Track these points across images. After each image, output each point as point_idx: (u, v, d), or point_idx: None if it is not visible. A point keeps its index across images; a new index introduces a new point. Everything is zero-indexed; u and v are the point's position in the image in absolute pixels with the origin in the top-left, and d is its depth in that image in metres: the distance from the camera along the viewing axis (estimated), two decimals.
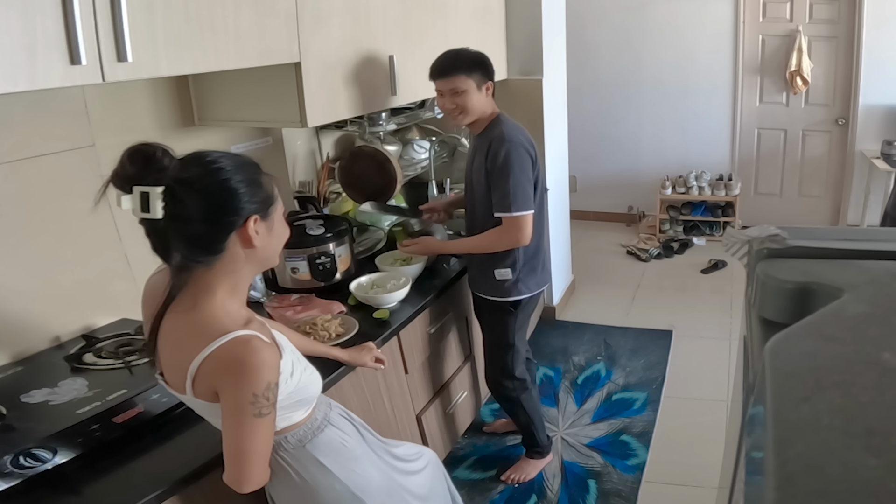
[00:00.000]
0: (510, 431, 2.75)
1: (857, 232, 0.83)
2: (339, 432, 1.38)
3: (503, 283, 2.21)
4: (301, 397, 1.25)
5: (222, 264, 1.14)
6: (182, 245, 1.09)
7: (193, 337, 1.11)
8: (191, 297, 1.14)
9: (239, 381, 1.08)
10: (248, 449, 1.12)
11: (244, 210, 1.12)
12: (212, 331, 1.10)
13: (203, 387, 1.12)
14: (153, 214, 1.04)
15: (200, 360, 1.09)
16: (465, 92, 2.06)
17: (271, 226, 1.18)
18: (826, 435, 0.40)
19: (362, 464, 1.39)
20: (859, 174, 4.77)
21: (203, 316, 1.12)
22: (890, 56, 4.42)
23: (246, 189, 1.12)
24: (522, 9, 3.24)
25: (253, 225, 1.12)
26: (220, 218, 1.10)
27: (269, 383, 1.10)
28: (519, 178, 2.04)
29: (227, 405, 1.10)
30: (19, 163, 1.59)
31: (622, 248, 4.95)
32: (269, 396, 1.11)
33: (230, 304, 1.16)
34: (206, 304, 1.13)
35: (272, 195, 1.18)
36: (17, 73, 1.14)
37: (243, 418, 1.09)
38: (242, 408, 1.09)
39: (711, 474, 1.84)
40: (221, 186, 1.10)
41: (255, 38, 1.66)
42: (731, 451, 1.18)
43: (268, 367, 1.10)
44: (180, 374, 1.13)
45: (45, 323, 1.68)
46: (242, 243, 1.13)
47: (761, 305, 0.89)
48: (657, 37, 4.98)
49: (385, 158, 2.59)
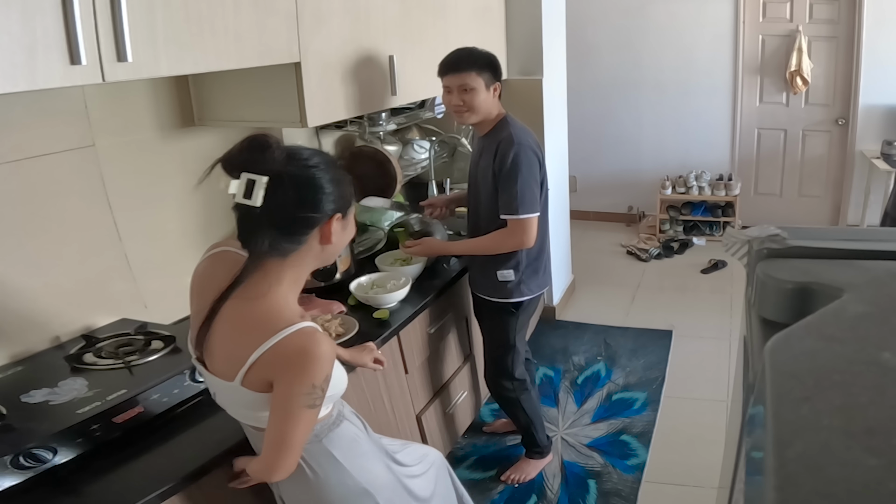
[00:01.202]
0: (510, 431, 2.75)
1: (857, 232, 0.83)
2: (353, 428, 1.40)
3: (505, 283, 2.21)
4: (332, 393, 1.28)
5: (296, 256, 1.19)
6: (270, 233, 1.14)
7: (256, 327, 1.14)
8: (256, 286, 1.17)
9: (301, 373, 1.12)
10: (292, 439, 1.15)
11: (330, 208, 1.17)
12: (277, 322, 1.13)
13: (257, 377, 1.14)
14: (254, 202, 1.10)
15: (263, 350, 1.12)
16: (473, 90, 2.06)
17: (347, 225, 1.24)
18: (826, 435, 0.40)
19: (371, 460, 1.41)
20: (859, 174, 4.77)
21: (268, 306, 1.16)
22: (890, 56, 4.42)
23: (334, 188, 1.17)
24: (522, 9, 3.24)
25: (336, 222, 1.19)
26: (309, 212, 1.16)
27: (326, 375, 1.15)
28: (527, 180, 2.04)
29: (280, 395, 1.13)
30: (19, 163, 1.59)
31: (622, 248, 4.95)
32: (324, 388, 1.15)
33: (291, 297, 1.21)
34: (272, 294, 1.17)
35: (352, 196, 1.24)
36: (17, 73, 1.14)
37: (295, 409, 1.13)
38: (297, 398, 1.12)
39: (711, 474, 1.84)
40: (317, 183, 1.16)
41: (255, 38, 1.66)
42: (731, 451, 1.18)
43: (328, 359, 1.14)
44: (233, 363, 1.15)
45: (45, 323, 1.68)
46: (321, 239, 1.19)
47: (761, 305, 0.88)
48: (657, 37, 4.98)
49: (385, 158, 2.59)
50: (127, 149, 1.85)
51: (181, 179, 2.03)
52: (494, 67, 2.11)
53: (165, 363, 1.56)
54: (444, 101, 2.15)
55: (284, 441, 1.15)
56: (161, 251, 1.98)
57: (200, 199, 2.10)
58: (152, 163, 1.93)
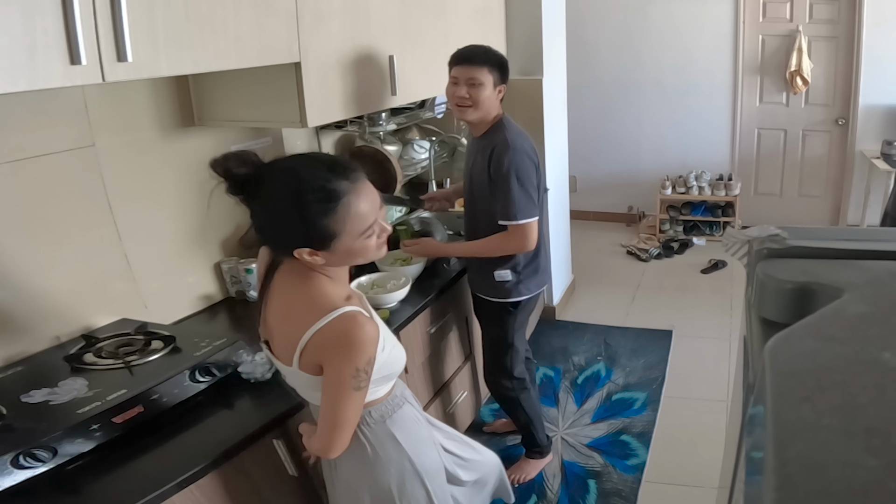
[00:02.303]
0: (510, 431, 2.75)
1: (857, 232, 0.83)
2: (414, 410, 1.45)
3: (503, 283, 2.21)
4: (388, 371, 1.33)
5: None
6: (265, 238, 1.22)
7: (304, 312, 1.19)
8: (296, 275, 1.23)
9: (345, 356, 1.16)
10: (344, 419, 1.22)
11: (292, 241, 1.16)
12: (322, 306, 1.18)
13: (309, 360, 1.20)
14: None
15: (311, 334, 1.17)
16: (481, 85, 2.06)
17: (333, 252, 1.18)
18: (826, 435, 0.40)
19: (427, 444, 1.45)
20: (859, 174, 4.77)
21: (313, 292, 1.21)
22: (890, 56, 4.42)
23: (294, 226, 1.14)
24: (522, 9, 3.24)
25: (307, 254, 1.16)
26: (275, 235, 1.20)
27: (369, 358, 1.19)
28: (524, 186, 2.05)
29: (330, 378, 1.19)
30: (19, 163, 1.59)
31: (622, 248, 4.95)
32: (368, 371, 1.19)
33: (335, 281, 1.25)
34: (314, 279, 1.22)
35: (333, 231, 1.15)
36: (18, 73, 1.14)
37: (344, 391, 1.18)
38: (345, 381, 1.17)
39: (711, 474, 1.84)
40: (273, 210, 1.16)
41: (255, 38, 1.66)
42: (731, 451, 1.18)
43: (371, 342, 1.18)
44: (289, 347, 1.22)
45: (45, 323, 1.68)
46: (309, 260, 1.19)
47: (761, 305, 0.88)
48: (657, 37, 4.98)
49: (385, 158, 2.59)
50: (127, 149, 1.85)
51: (181, 179, 2.03)
52: (504, 70, 2.12)
53: (165, 363, 1.56)
54: (449, 92, 2.13)
55: (336, 422, 1.21)
56: (161, 251, 1.98)
57: (200, 200, 2.10)
58: (152, 163, 1.93)
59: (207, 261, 2.15)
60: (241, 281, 2.15)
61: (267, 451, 1.54)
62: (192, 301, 2.10)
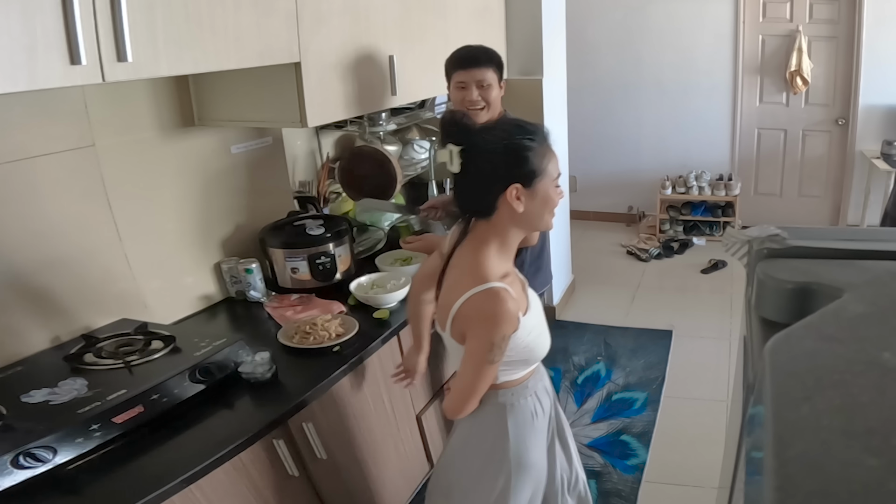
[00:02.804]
0: None
1: (857, 232, 0.83)
2: (539, 405, 1.51)
3: None
4: (528, 356, 1.40)
5: (497, 219, 1.32)
6: (462, 198, 1.36)
7: (461, 281, 1.31)
8: (469, 245, 1.34)
9: (483, 329, 1.26)
10: (473, 388, 1.33)
11: (508, 178, 1.28)
12: (478, 277, 1.29)
13: (457, 328, 1.32)
14: (453, 169, 1.30)
15: (461, 302, 1.28)
16: (490, 86, 2.06)
17: (534, 195, 1.31)
18: (826, 435, 0.40)
19: (536, 443, 1.51)
20: (859, 174, 4.77)
21: (478, 261, 1.31)
22: (890, 56, 4.42)
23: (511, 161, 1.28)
24: (522, 9, 3.24)
25: (514, 192, 1.28)
26: (488, 181, 1.29)
27: (504, 335, 1.27)
28: None
29: (470, 348, 1.30)
30: (19, 163, 1.59)
31: (622, 248, 4.95)
32: (503, 346, 1.28)
33: (496, 258, 1.34)
34: (479, 253, 1.32)
35: (538, 169, 1.30)
36: (17, 73, 1.14)
37: (480, 362, 1.29)
38: (482, 353, 1.27)
39: (711, 474, 1.84)
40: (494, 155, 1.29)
41: (255, 38, 1.66)
42: (731, 451, 1.18)
43: (509, 319, 1.27)
44: (445, 313, 1.34)
45: (45, 323, 1.68)
46: (508, 205, 1.29)
47: (761, 305, 0.88)
48: (657, 37, 4.98)
49: (385, 158, 2.59)
50: (127, 149, 1.85)
51: (181, 179, 2.03)
52: (503, 66, 2.13)
53: (165, 363, 1.56)
54: (457, 97, 2.09)
55: (466, 389, 1.33)
56: (161, 251, 1.98)
57: (200, 199, 2.10)
58: (152, 163, 1.93)
59: (207, 261, 2.15)
60: (241, 281, 2.15)
61: (267, 451, 1.54)
62: (192, 301, 2.10)
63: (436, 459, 2.38)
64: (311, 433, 1.66)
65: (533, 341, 1.38)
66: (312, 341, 1.82)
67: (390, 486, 2.09)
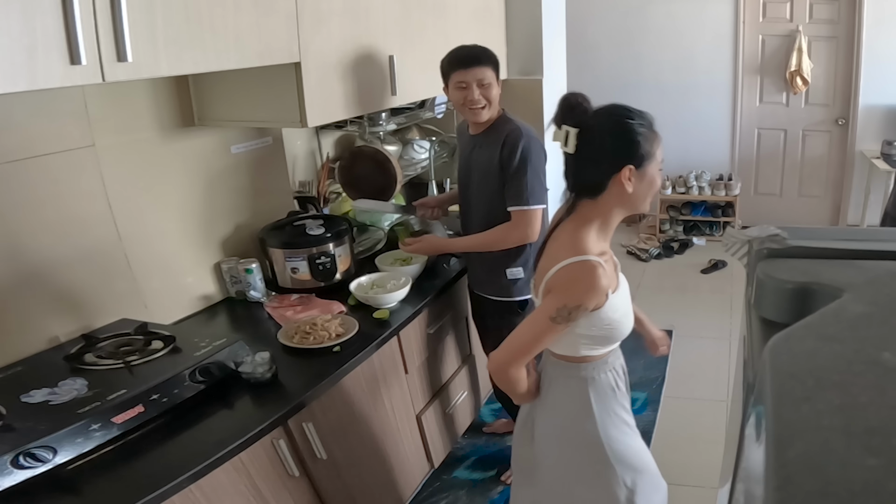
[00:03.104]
0: (510, 432, 2.74)
1: (857, 232, 0.83)
2: (619, 380, 1.53)
3: (514, 282, 2.19)
4: (611, 334, 1.43)
5: (603, 199, 1.37)
6: (574, 177, 1.39)
7: (560, 253, 1.36)
8: (573, 222, 1.39)
9: (564, 291, 1.31)
10: (521, 341, 1.36)
11: (622, 160, 1.33)
12: (576, 249, 1.34)
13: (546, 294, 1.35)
14: (568, 149, 1.35)
15: (555, 270, 1.34)
16: (490, 85, 2.06)
17: (643, 176, 1.36)
18: (826, 435, 0.40)
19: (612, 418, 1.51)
20: (859, 174, 4.77)
21: (578, 237, 1.36)
22: (890, 56, 4.42)
23: (627, 143, 1.33)
24: (522, 9, 3.24)
25: (627, 173, 1.33)
26: (603, 161, 1.34)
27: (582, 305, 1.31)
28: (536, 172, 2.05)
29: (542, 306, 1.34)
30: (19, 163, 1.59)
31: (622, 248, 4.95)
32: (574, 315, 1.31)
33: (596, 236, 1.39)
34: (580, 229, 1.38)
35: (649, 152, 1.36)
36: (18, 73, 1.14)
37: (541, 316, 1.33)
38: (548, 309, 1.32)
39: (711, 474, 1.84)
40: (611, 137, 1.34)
41: (255, 38, 1.66)
42: (731, 451, 1.18)
43: (595, 291, 1.30)
44: (540, 280, 1.39)
45: (45, 323, 1.68)
46: (618, 187, 1.35)
47: (761, 305, 0.88)
48: (657, 37, 4.98)
49: (385, 158, 2.59)
50: (127, 149, 1.85)
51: (181, 179, 2.03)
52: (499, 64, 2.13)
53: (165, 363, 1.56)
54: (457, 97, 2.08)
55: (515, 340, 1.37)
56: (161, 251, 1.98)
57: (200, 199, 2.10)
58: (152, 163, 1.93)
59: (207, 261, 2.15)
60: (241, 281, 2.15)
61: (267, 451, 1.54)
62: (192, 301, 2.11)
63: (436, 459, 2.38)
64: (311, 433, 1.66)
65: (618, 320, 1.42)
66: (312, 341, 1.82)
67: (390, 486, 2.09)
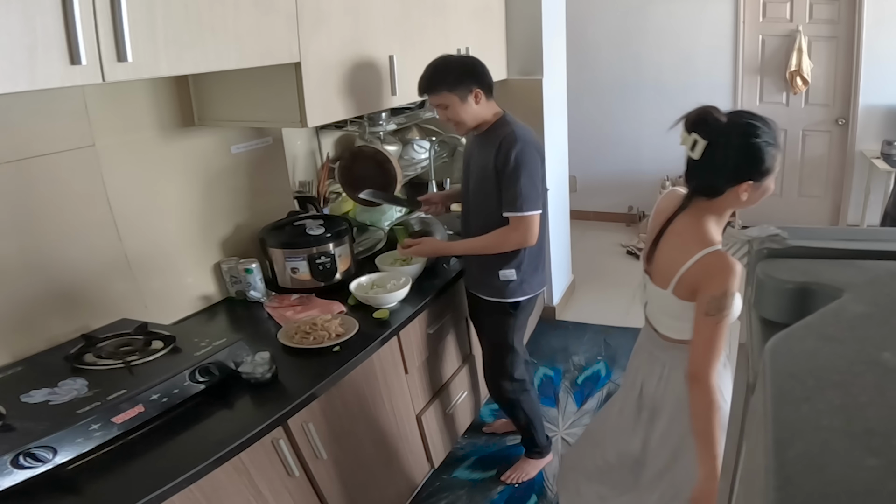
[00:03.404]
0: (510, 431, 2.75)
1: (857, 232, 0.82)
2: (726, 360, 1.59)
3: (507, 283, 2.20)
4: None
5: (717, 201, 1.47)
6: (699, 180, 1.47)
7: (688, 246, 1.45)
8: (690, 216, 1.49)
9: (707, 282, 1.39)
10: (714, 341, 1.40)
11: (744, 176, 1.41)
12: (707, 241, 1.43)
13: (684, 285, 1.44)
14: (694, 156, 1.43)
15: (691, 262, 1.42)
16: (448, 107, 2.04)
17: (759, 187, 1.44)
18: (826, 435, 0.40)
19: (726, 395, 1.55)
20: (859, 174, 4.77)
21: (702, 230, 1.46)
22: (890, 56, 4.42)
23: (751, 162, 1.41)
24: (522, 9, 3.24)
25: (746, 186, 1.42)
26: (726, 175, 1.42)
27: (727, 291, 1.37)
28: (531, 178, 2.04)
29: (699, 302, 1.41)
30: (19, 163, 1.59)
31: (622, 248, 4.95)
32: (722, 302, 1.37)
33: (714, 228, 1.48)
34: (701, 222, 1.47)
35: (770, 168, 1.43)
36: (18, 73, 1.14)
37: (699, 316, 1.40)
38: (700, 307, 1.40)
39: None
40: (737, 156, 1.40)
41: (255, 38, 1.66)
42: (731, 450, 1.18)
43: (728, 275, 1.37)
44: (669, 273, 1.47)
45: (45, 323, 1.68)
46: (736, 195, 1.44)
47: (761, 305, 0.88)
48: (657, 37, 4.98)
49: (385, 158, 2.59)
50: (127, 149, 1.85)
51: (181, 179, 2.03)
52: (470, 75, 2.04)
53: (165, 363, 1.56)
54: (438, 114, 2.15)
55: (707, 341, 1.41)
56: (161, 251, 1.98)
57: (200, 199, 2.10)
58: (152, 163, 1.93)
59: (207, 261, 2.15)
60: (241, 281, 2.15)
61: (267, 451, 1.54)
62: (192, 301, 2.11)
63: (436, 459, 2.39)
64: (311, 433, 1.66)
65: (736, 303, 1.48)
66: (312, 341, 1.82)
67: (390, 486, 2.09)
